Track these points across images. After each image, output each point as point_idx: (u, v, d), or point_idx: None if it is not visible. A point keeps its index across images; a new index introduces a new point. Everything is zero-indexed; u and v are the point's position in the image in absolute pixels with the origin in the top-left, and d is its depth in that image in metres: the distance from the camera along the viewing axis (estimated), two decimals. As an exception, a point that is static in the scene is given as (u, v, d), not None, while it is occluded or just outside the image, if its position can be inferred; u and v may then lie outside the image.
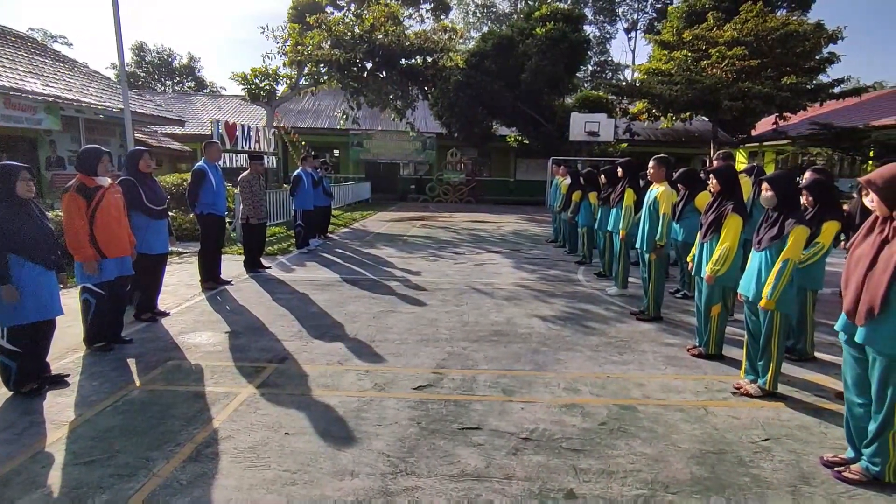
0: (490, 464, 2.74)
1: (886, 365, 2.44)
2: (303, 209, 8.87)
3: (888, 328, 2.40)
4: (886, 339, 2.41)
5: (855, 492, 2.54)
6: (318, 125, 22.72)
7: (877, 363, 2.48)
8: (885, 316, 2.39)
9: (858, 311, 2.48)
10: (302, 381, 3.73)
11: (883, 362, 2.45)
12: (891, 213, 2.42)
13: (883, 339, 2.42)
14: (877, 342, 2.44)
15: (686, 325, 5.15)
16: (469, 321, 5.19)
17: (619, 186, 6.28)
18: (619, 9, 41.40)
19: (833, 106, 19.24)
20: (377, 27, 13.49)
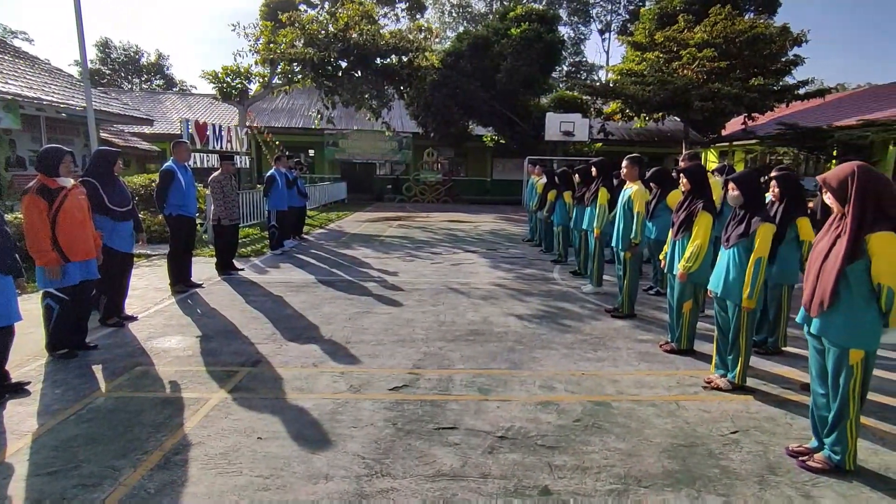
0: (466, 463, 2.73)
1: (838, 355, 2.55)
2: (277, 210, 8.74)
3: (838, 319, 2.51)
4: (837, 329, 2.52)
5: (818, 480, 2.62)
6: (293, 125, 22.42)
7: (830, 353, 2.59)
8: (834, 307, 2.51)
9: (812, 304, 2.60)
10: (275, 385, 3.66)
11: (835, 352, 2.56)
12: (843, 209, 2.52)
13: (834, 330, 2.53)
14: (829, 333, 2.56)
15: (659, 321, 5.24)
16: (445, 321, 5.18)
17: (593, 185, 6.36)
18: (592, 10, 41.99)
19: (798, 107, 19.88)
20: (351, 26, 13.37)
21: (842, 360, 2.56)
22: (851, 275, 2.47)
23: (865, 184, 2.46)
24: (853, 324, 2.49)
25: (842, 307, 2.50)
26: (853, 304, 2.49)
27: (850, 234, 2.45)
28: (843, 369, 2.55)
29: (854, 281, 2.47)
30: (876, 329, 2.49)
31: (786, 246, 4.26)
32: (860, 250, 2.43)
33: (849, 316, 2.49)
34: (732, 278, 3.51)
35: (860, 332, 2.49)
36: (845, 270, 2.46)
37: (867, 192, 2.45)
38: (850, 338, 2.51)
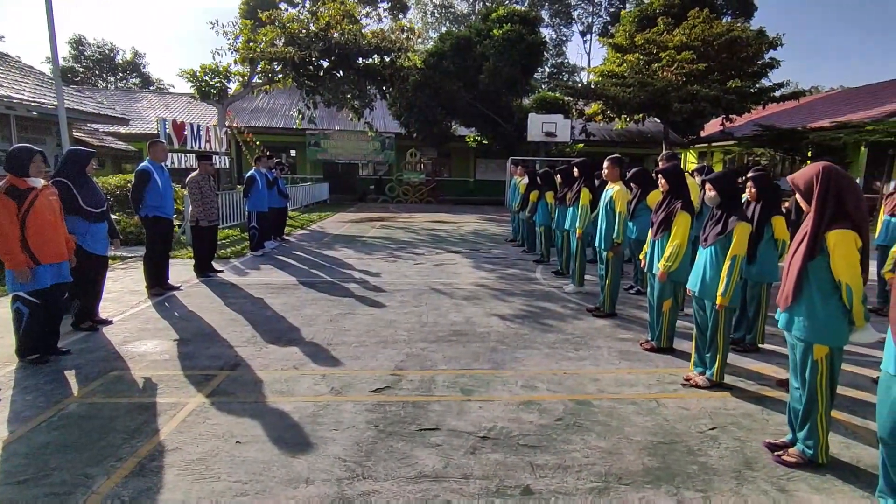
0: (448, 464, 2.73)
1: (803, 349, 2.63)
2: (257, 211, 8.62)
3: (800, 314, 2.60)
4: (799, 324, 2.61)
5: (793, 474, 2.68)
6: (274, 124, 22.17)
7: (797, 348, 2.67)
8: (797, 303, 2.59)
9: (780, 298, 2.68)
10: (255, 388, 3.61)
11: (801, 347, 2.64)
12: (809, 207, 2.59)
13: (797, 325, 2.62)
14: (792, 327, 2.64)
15: (639, 320, 5.30)
16: (428, 322, 5.17)
17: (575, 186, 6.41)
18: (574, 12, 42.40)
19: (774, 109, 20.34)
20: (333, 25, 13.25)
21: (807, 355, 2.63)
22: (812, 271, 2.55)
23: (828, 183, 2.53)
24: (813, 319, 2.57)
25: (803, 303, 2.59)
26: (812, 300, 2.57)
27: (811, 231, 2.54)
28: (809, 364, 2.63)
29: (814, 277, 2.55)
30: (838, 326, 2.55)
31: (764, 245, 4.35)
32: (820, 247, 2.50)
33: (809, 311, 2.58)
34: (710, 277, 3.57)
35: (820, 327, 2.56)
36: (807, 266, 2.54)
37: (829, 192, 2.52)
38: (811, 333, 2.58)
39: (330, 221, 14.18)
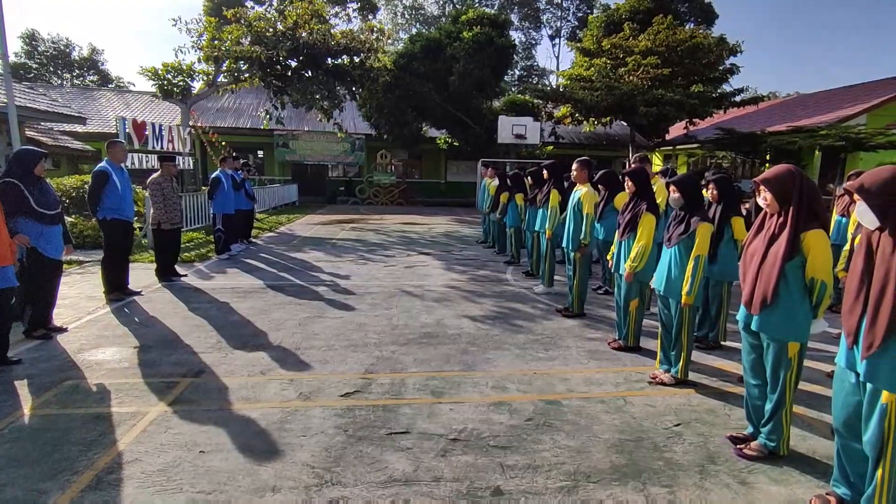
0: (418, 467, 2.71)
1: (778, 349, 2.69)
2: (223, 213, 8.40)
3: (778, 315, 2.64)
4: (777, 324, 2.66)
5: (754, 466, 2.77)
6: (240, 125, 21.67)
7: (770, 348, 2.72)
8: (775, 305, 2.63)
9: (753, 302, 2.71)
10: (220, 395, 3.51)
11: (775, 346, 2.70)
12: (781, 209, 2.65)
13: (774, 325, 2.66)
14: (770, 328, 2.69)
15: (608, 319, 5.39)
16: (398, 324, 5.13)
17: (544, 188, 6.48)
18: (543, 16, 42.97)
19: (735, 113, 21.06)
20: (301, 25, 13.05)
21: (781, 354, 2.69)
22: (789, 272, 2.61)
23: (802, 185, 2.61)
24: (791, 318, 2.63)
25: (781, 303, 2.63)
26: (791, 300, 2.62)
27: (788, 232, 2.58)
28: (783, 362, 2.70)
29: (791, 277, 2.61)
30: (809, 321, 2.65)
31: (725, 245, 4.48)
32: (797, 248, 2.57)
33: (788, 311, 2.63)
34: (674, 276, 3.65)
35: (797, 325, 2.64)
36: (784, 268, 2.60)
37: (804, 193, 2.60)
38: (788, 331, 2.65)
39: (299, 223, 13.96)
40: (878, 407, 2.09)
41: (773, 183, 2.64)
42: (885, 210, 2.08)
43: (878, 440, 2.10)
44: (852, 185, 2.18)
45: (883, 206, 2.09)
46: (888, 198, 2.07)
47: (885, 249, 2.08)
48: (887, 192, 2.08)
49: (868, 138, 13.89)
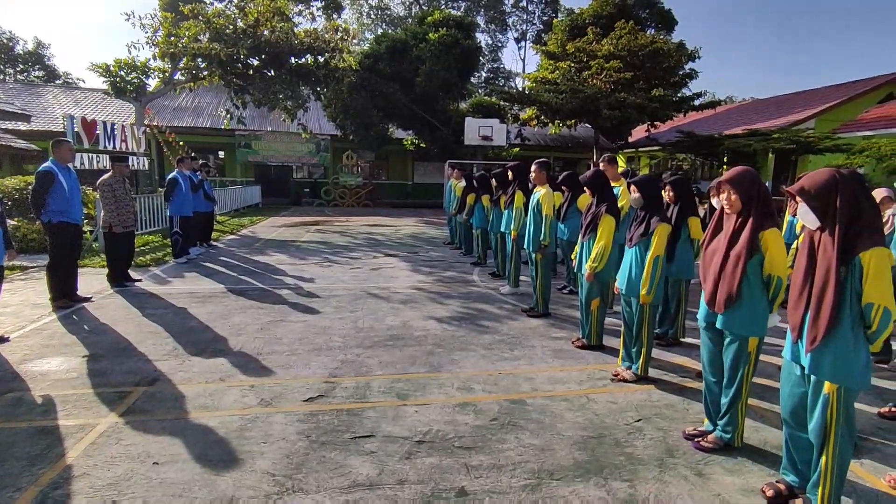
0: (382, 471, 2.67)
1: (739, 344, 2.78)
2: (180, 215, 8.10)
3: (741, 312, 2.73)
4: (740, 321, 2.74)
5: (710, 458, 2.85)
6: (199, 124, 21.01)
7: (732, 344, 2.80)
8: (738, 303, 2.72)
9: (717, 301, 2.78)
10: (176, 404, 3.38)
11: (736, 343, 2.78)
12: (742, 209, 2.74)
13: (738, 323, 2.75)
14: (733, 326, 2.77)
15: (572, 319, 5.47)
16: (364, 327, 5.07)
17: (509, 189, 6.53)
18: (509, 19, 43.41)
19: (694, 117, 21.81)
20: (262, 22, 12.75)
21: (742, 349, 2.78)
22: (750, 270, 2.70)
23: (761, 185, 2.71)
24: (753, 314, 2.72)
25: (744, 300, 2.72)
26: (752, 296, 2.71)
27: (749, 232, 2.66)
28: (742, 357, 2.79)
29: (752, 275, 2.70)
30: (765, 317, 2.75)
31: (682, 244, 4.61)
32: (756, 247, 2.66)
33: (750, 307, 2.72)
34: (635, 275, 3.74)
35: (757, 320, 2.73)
36: (746, 266, 2.68)
37: (762, 194, 2.70)
38: (751, 327, 2.74)
39: (262, 226, 13.64)
40: (821, 397, 2.20)
41: (738, 184, 2.70)
42: (824, 210, 2.19)
43: (822, 428, 2.21)
44: (794, 188, 2.27)
45: (822, 206, 2.19)
46: (826, 199, 2.17)
47: (826, 248, 2.18)
48: (824, 193, 2.18)
49: (816, 142, 14.64)
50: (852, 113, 16.69)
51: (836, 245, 2.13)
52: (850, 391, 2.17)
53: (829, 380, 2.16)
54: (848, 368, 2.14)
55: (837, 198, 2.15)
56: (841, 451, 2.21)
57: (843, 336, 2.14)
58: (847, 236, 2.13)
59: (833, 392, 2.16)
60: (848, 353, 2.13)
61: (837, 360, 2.14)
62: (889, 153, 11.46)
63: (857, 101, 17.52)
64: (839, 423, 2.18)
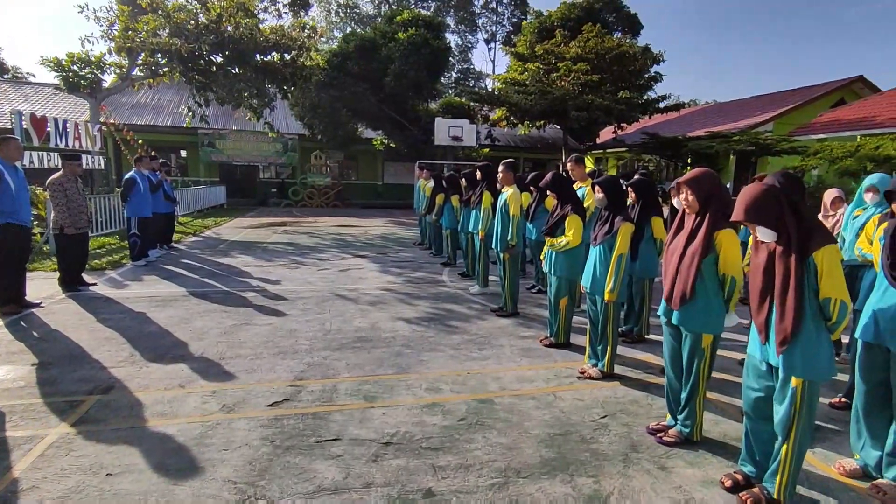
0: (349, 474, 2.63)
1: (694, 340, 2.85)
2: (138, 216, 7.79)
3: (695, 310, 2.81)
4: (695, 318, 2.82)
5: (672, 451, 2.92)
6: (160, 122, 20.32)
7: (687, 340, 2.88)
8: (693, 300, 2.79)
9: (674, 298, 2.86)
10: (132, 412, 3.24)
11: (691, 338, 2.86)
12: (700, 209, 2.80)
13: (692, 319, 2.82)
14: (688, 322, 2.84)
15: (540, 318, 5.52)
16: (331, 329, 4.99)
17: (477, 189, 6.55)
18: (479, 20, 43.68)
19: (659, 119, 22.39)
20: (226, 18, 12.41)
21: (696, 345, 2.85)
22: (705, 268, 2.77)
23: (719, 186, 2.79)
24: (708, 312, 2.79)
25: (699, 298, 2.79)
26: (707, 295, 2.78)
27: (705, 231, 2.74)
28: (697, 353, 2.86)
29: (707, 273, 2.78)
30: (722, 314, 2.82)
31: (645, 244, 4.71)
32: (711, 246, 2.74)
33: (705, 305, 2.79)
34: (599, 274, 3.79)
35: (711, 318, 2.80)
36: (701, 265, 2.75)
37: (719, 195, 2.77)
38: (704, 324, 2.81)
39: (226, 227, 13.30)
40: (789, 390, 2.28)
41: (696, 184, 2.78)
42: (775, 225, 2.26)
43: (788, 419, 2.29)
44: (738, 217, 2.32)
45: (771, 222, 2.26)
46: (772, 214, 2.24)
47: (781, 251, 2.26)
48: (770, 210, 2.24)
49: (774, 144, 15.25)
50: (807, 116, 17.46)
51: (793, 249, 2.21)
52: (815, 384, 2.27)
53: (801, 376, 2.24)
54: (816, 362, 2.23)
55: (782, 209, 2.23)
56: (801, 441, 2.30)
57: (807, 332, 2.22)
58: (799, 239, 2.21)
59: (800, 385, 2.25)
60: (813, 348, 2.22)
61: (806, 356, 2.22)
62: (840, 155, 12.01)
63: (812, 106, 18.36)
64: (802, 414, 2.27)
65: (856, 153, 11.72)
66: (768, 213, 2.24)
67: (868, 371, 2.65)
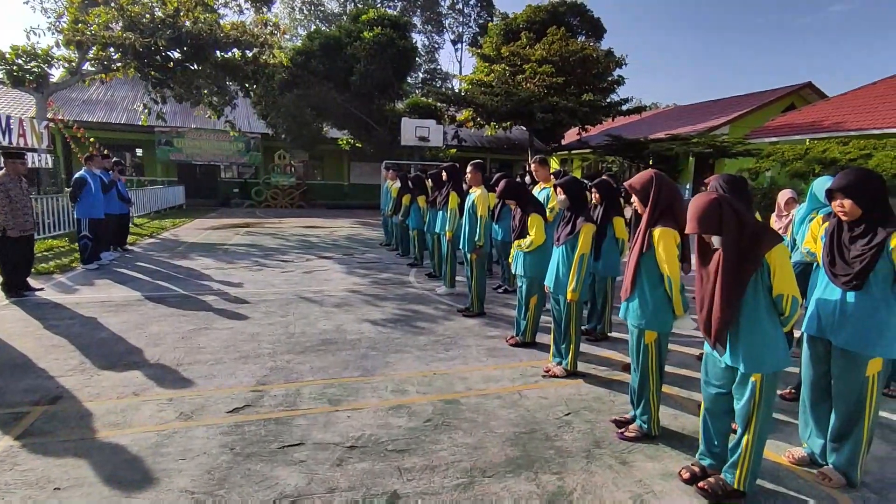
0: (312, 480, 2.58)
1: (636, 335, 2.98)
2: (89, 217, 7.43)
3: (634, 305, 2.94)
4: (634, 312, 2.95)
5: (633, 446, 2.99)
6: (113, 119, 19.45)
7: (633, 335, 3.00)
8: (633, 295, 2.93)
9: (622, 291, 3.00)
10: (81, 423, 3.09)
11: (635, 333, 2.98)
12: (644, 209, 2.90)
13: (633, 313, 2.95)
14: (630, 315, 2.98)
15: (507, 317, 5.56)
16: (295, 332, 4.90)
17: (444, 190, 6.55)
18: (445, 21, 43.74)
19: (622, 121, 22.96)
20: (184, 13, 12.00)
21: (640, 340, 2.96)
22: (643, 264, 2.88)
23: (660, 186, 2.87)
24: (644, 307, 2.90)
25: (637, 293, 2.92)
26: (642, 290, 2.90)
27: (643, 227, 2.87)
28: (641, 348, 2.96)
29: (645, 269, 2.89)
30: (664, 314, 2.89)
31: (607, 243, 4.81)
32: (648, 242, 2.83)
33: (642, 300, 2.91)
34: (562, 273, 3.85)
35: (650, 315, 2.89)
36: (639, 260, 2.86)
37: (660, 194, 2.86)
38: (643, 320, 2.91)
39: (186, 228, 12.87)
40: (748, 384, 2.37)
41: (636, 187, 2.93)
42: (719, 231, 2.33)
43: (748, 412, 2.39)
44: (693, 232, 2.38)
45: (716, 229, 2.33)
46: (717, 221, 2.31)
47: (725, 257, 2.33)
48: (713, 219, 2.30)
49: (730, 147, 15.88)
50: (761, 120, 18.27)
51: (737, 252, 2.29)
52: (774, 376, 2.36)
53: (762, 372, 2.33)
54: (773, 355, 2.32)
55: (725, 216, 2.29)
56: (760, 432, 2.39)
57: (762, 329, 2.32)
58: (748, 242, 2.29)
59: (759, 379, 2.34)
60: (770, 342, 2.32)
61: (765, 352, 2.32)
62: (791, 158, 12.61)
63: (765, 110, 19.23)
64: (762, 406, 2.36)
65: (805, 156, 12.34)
66: (714, 223, 2.31)
67: (812, 363, 2.78)
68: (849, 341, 2.54)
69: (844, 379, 2.59)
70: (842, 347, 2.57)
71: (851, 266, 2.51)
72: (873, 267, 2.45)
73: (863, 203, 2.48)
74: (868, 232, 2.49)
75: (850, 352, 2.54)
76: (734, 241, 2.29)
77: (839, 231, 2.62)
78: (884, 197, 2.52)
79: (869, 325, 2.48)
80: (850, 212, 2.51)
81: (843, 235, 2.59)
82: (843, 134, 13.35)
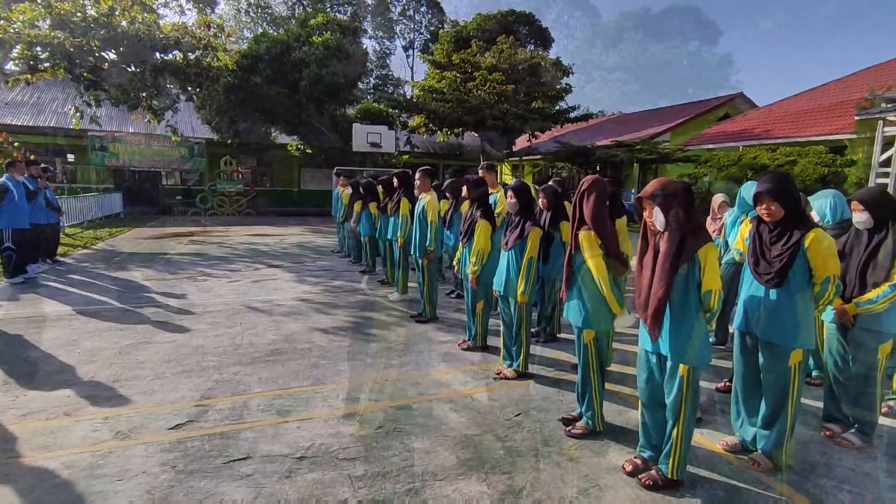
0: (259, 493, 2.51)
1: (577, 334, 3.11)
2: (12, 228, 6.90)
3: (574, 304, 3.07)
4: (574, 311, 3.08)
5: (580, 443, 3.08)
6: (40, 122, 18.27)
7: (576, 333, 3.11)
8: (570, 293, 3.07)
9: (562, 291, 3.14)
10: (5, 447, 2.88)
11: (576, 332, 3.11)
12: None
13: (572, 312, 3.09)
14: (570, 315, 3.10)
15: (460, 322, 5.60)
16: (242, 343, 4.75)
17: (395, 196, 6.54)
18: (396, 27, 43.72)
19: (570, 128, 23.67)
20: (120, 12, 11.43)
21: (580, 339, 3.08)
22: (574, 265, 3.03)
23: (583, 193, 3.01)
24: (582, 307, 3.02)
25: (575, 293, 3.06)
26: (580, 291, 3.03)
27: (572, 230, 3.03)
28: (581, 346, 3.08)
29: (576, 269, 3.03)
30: (601, 313, 3.01)
31: (555, 247, 4.95)
32: (576, 244, 3.01)
33: (579, 301, 3.03)
34: (511, 277, 3.93)
35: (587, 314, 3.01)
36: (570, 260, 3.00)
37: (583, 199, 3.01)
38: (581, 319, 3.03)
39: (124, 238, 12.22)
40: (677, 378, 2.52)
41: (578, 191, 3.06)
42: (667, 213, 2.48)
43: (677, 404, 2.53)
44: (646, 196, 2.55)
45: (666, 210, 2.48)
46: (671, 204, 2.47)
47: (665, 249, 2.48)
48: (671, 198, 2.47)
49: (671, 153, 16.70)
50: (698, 128, 19.33)
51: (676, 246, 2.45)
52: (697, 370, 2.53)
53: (688, 363, 2.48)
54: (698, 351, 2.49)
55: (678, 204, 2.47)
56: (688, 422, 2.55)
57: (691, 324, 2.48)
58: (688, 234, 2.45)
59: (686, 373, 2.50)
60: (695, 338, 2.48)
61: (692, 345, 2.47)
62: (726, 164, 13.41)
63: (702, 119, 20.39)
64: (688, 398, 2.52)
65: (738, 162, 13.15)
66: (670, 202, 2.46)
67: (742, 356, 2.97)
68: (772, 335, 2.74)
69: (771, 369, 2.79)
70: (766, 340, 2.77)
71: (772, 265, 2.72)
72: (791, 265, 2.66)
73: (785, 204, 2.69)
74: (785, 233, 2.70)
75: (774, 344, 2.74)
76: (679, 226, 2.45)
77: (761, 233, 2.83)
78: (798, 199, 2.74)
79: (789, 319, 2.69)
80: (775, 213, 2.72)
81: (765, 237, 2.80)
82: (771, 141, 14.33)
